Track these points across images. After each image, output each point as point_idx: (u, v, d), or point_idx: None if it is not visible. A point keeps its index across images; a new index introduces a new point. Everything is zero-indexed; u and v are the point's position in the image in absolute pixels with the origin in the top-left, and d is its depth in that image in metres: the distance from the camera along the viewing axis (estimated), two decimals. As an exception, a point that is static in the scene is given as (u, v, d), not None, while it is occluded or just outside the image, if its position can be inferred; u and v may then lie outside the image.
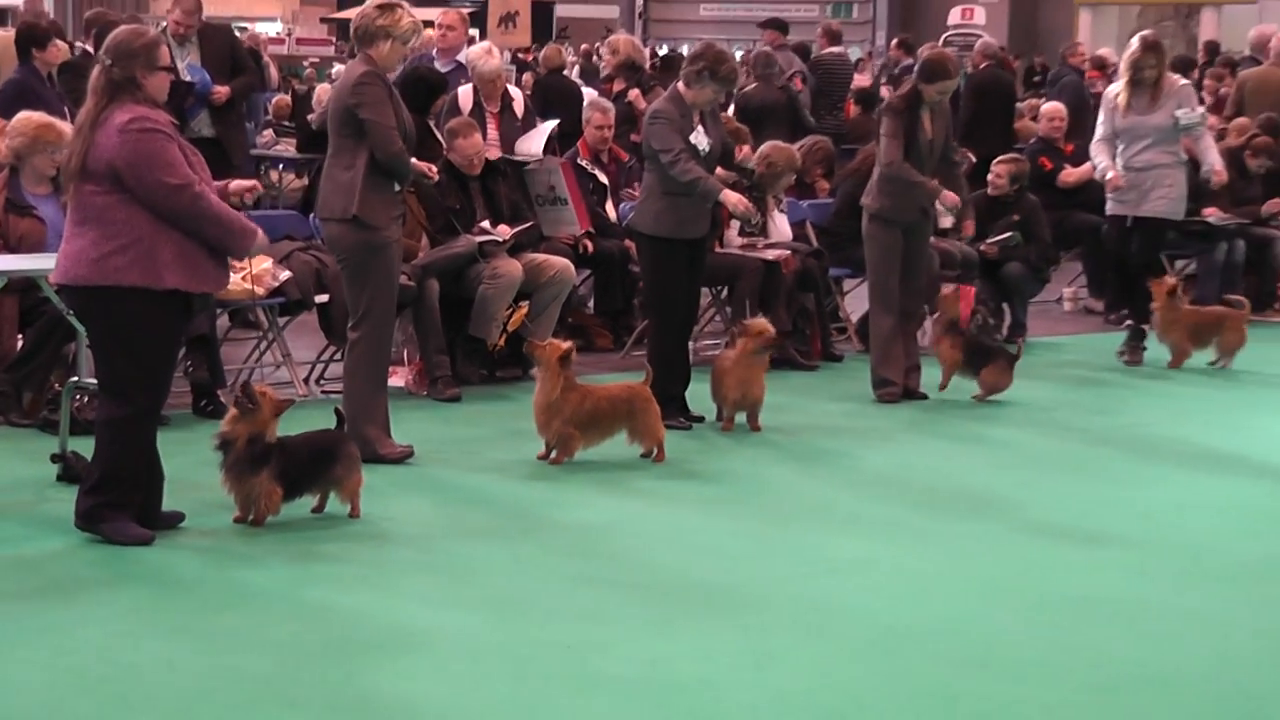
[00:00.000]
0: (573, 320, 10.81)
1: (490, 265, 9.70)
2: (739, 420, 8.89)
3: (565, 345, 8.09)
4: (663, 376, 8.50)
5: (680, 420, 8.77)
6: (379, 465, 7.64)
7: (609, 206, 11.44)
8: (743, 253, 10.58)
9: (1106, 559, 6.75)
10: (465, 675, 5.31)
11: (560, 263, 10.06)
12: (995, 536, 7.06)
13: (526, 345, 8.65)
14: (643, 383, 8.19)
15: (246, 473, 6.72)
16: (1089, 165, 11.02)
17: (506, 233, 9.87)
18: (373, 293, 7.86)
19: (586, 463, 8.06)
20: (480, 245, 9.75)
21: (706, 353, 10.44)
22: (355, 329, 7.96)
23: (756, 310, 10.19)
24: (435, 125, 10.52)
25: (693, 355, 9.42)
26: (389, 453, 7.90)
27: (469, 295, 9.70)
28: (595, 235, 10.99)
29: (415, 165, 7.96)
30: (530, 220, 10.27)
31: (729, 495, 7.69)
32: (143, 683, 5.18)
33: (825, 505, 7.53)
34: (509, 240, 9.85)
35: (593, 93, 13.92)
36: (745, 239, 10.71)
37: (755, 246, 10.67)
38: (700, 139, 8.73)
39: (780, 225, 11.05)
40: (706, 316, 11.07)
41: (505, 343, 9.74)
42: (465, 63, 11.60)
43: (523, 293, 9.79)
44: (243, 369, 9.35)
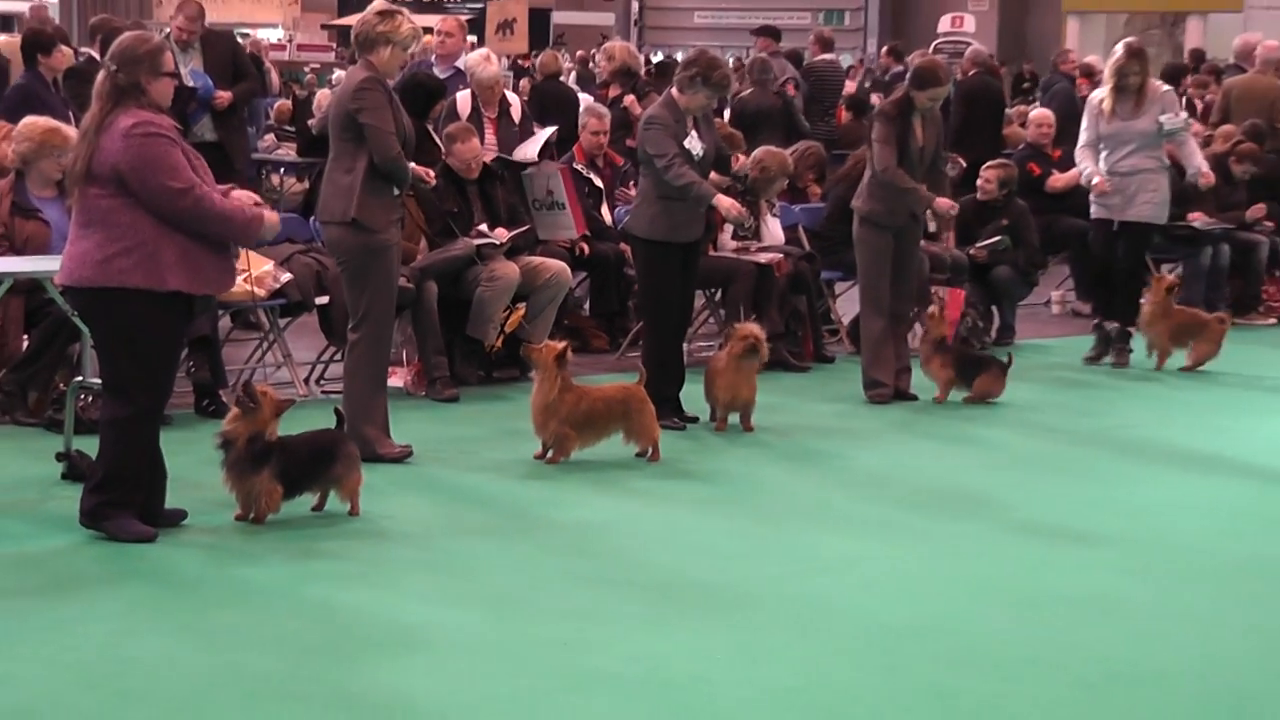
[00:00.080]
0: (569, 322, 10.80)
1: (487, 268, 9.70)
2: (732, 420, 8.88)
3: (560, 345, 8.08)
4: (657, 378, 8.49)
5: (675, 421, 8.76)
6: (378, 464, 7.63)
7: (604, 210, 11.43)
8: (736, 256, 10.58)
9: (1095, 558, 6.75)
10: (463, 671, 5.30)
11: (557, 265, 10.05)
12: (985, 536, 7.05)
13: (523, 349, 8.63)
14: (637, 384, 8.19)
15: (247, 471, 6.71)
16: (1076, 170, 11.01)
17: (504, 236, 9.86)
18: (372, 295, 7.86)
19: (583, 462, 8.05)
20: (478, 248, 9.75)
21: (701, 354, 10.44)
22: (355, 330, 7.95)
23: (750, 313, 10.20)
24: (434, 130, 10.51)
25: (687, 357, 9.43)
26: (388, 452, 7.90)
27: (467, 297, 9.69)
28: (591, 238, 10.99)
29: (413, 170, 7.96)
30: (527, 224, 10.26)
31: (723, 495, 7.68)
32: (145, 678, 5.18)
33: (818, 505, 7.52)
34: (506, 243, 9.84)
35: (589, 98, 13.91)
36: (738, 242, 10.71)
37: (748, 250, 10.66)
38: (694, 144, 8.73)
39: (773, 229, 11.04)
40: (701, 319, 11.07)
41: (502, 344, 9.74)
42: (464, 69, 11.60)
43: (520, 295, 9.79)
44: (244, 369, 9.33)
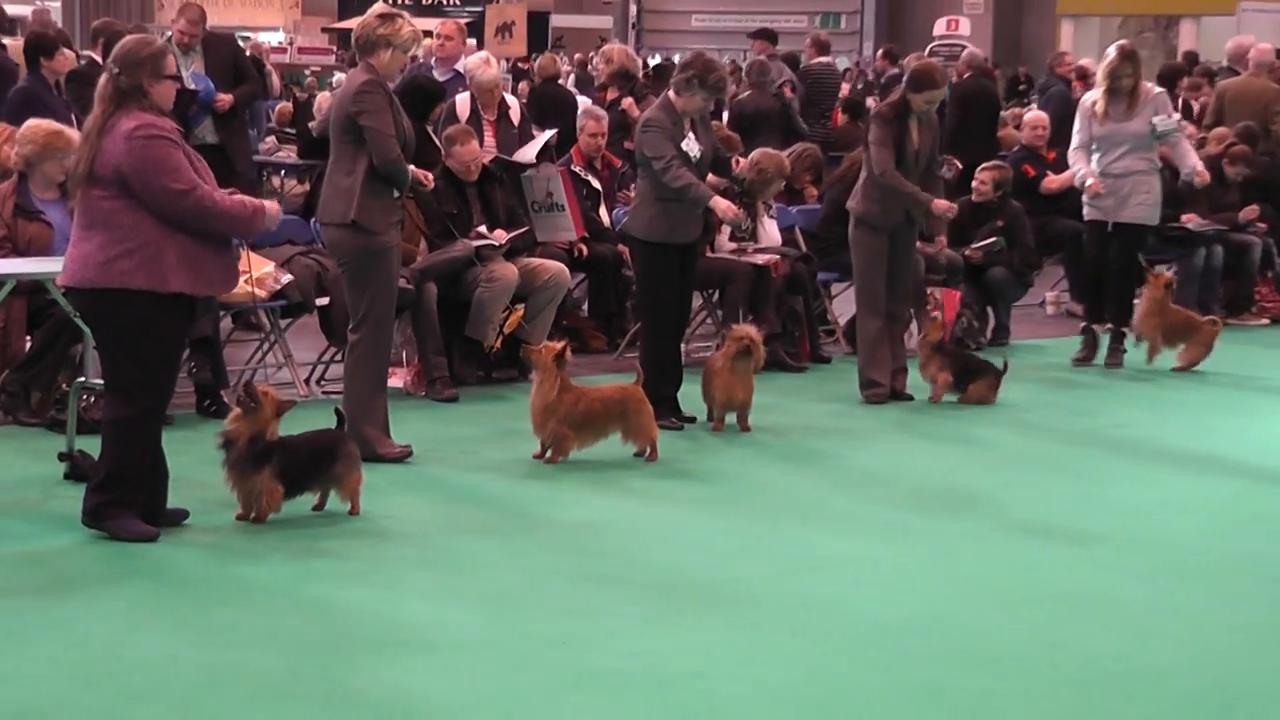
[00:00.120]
0: (567, 323, 10.80)
1: (486, 269, 9.70)
2: (730, 420, 8.89)
3: (559, 345, 8.09)
4: (655, 378, 8.50)
5: (672, 420, 8.77)
6: (378, 464, 7.64)
7: (602, 212, 11.44)
8: (733, 257, 10.59)
9: (1088, 556, 6.76)
10: (462, 669, 5.31)
11: (555, 267, 10.06)
12: (979, 534, 7.06)
13: (523, 351, 8.63)
14: (634, 384, 8.19)
15: (249, 471, 6.72)
16: (1070, 172, 11.03)
17: (502, 237, 9.87)
18: (372, 296, 7.87)
19: (581, 462, 8.05)
20: (477, 249, 9.75)
21: (698, 355, 10.44)
22: (355, 331, 7.96)
23: (747, 314, 10.22)
24: (433, 132, 10.52)
25: (685, 357, 9.44)
26: (388, 452, 7.90)
27: (466, 298, 9.70)
28: (589, 240, 11.00)
29: (412, 172, 7.96)
30: (525, 226, 10.27)
31: (720, 494, 7.69)
32: (147, 676, 5.18)
33: (814, 504, 7.53)
34: (505, 245, 9.85)
35: (587, 101, 13.92)
36: (736, 244, 10.71)
37: (745, 251, 10.67)
38: (692, 146, 8.74)
39: (770, 230, 11.04)
40: (698, 319, 11.07)
41: (501, 344, 9.74)
42: (463, 71, 11.60)
43: (518, 296, 9.79)
44: (245, 370, 9.34)
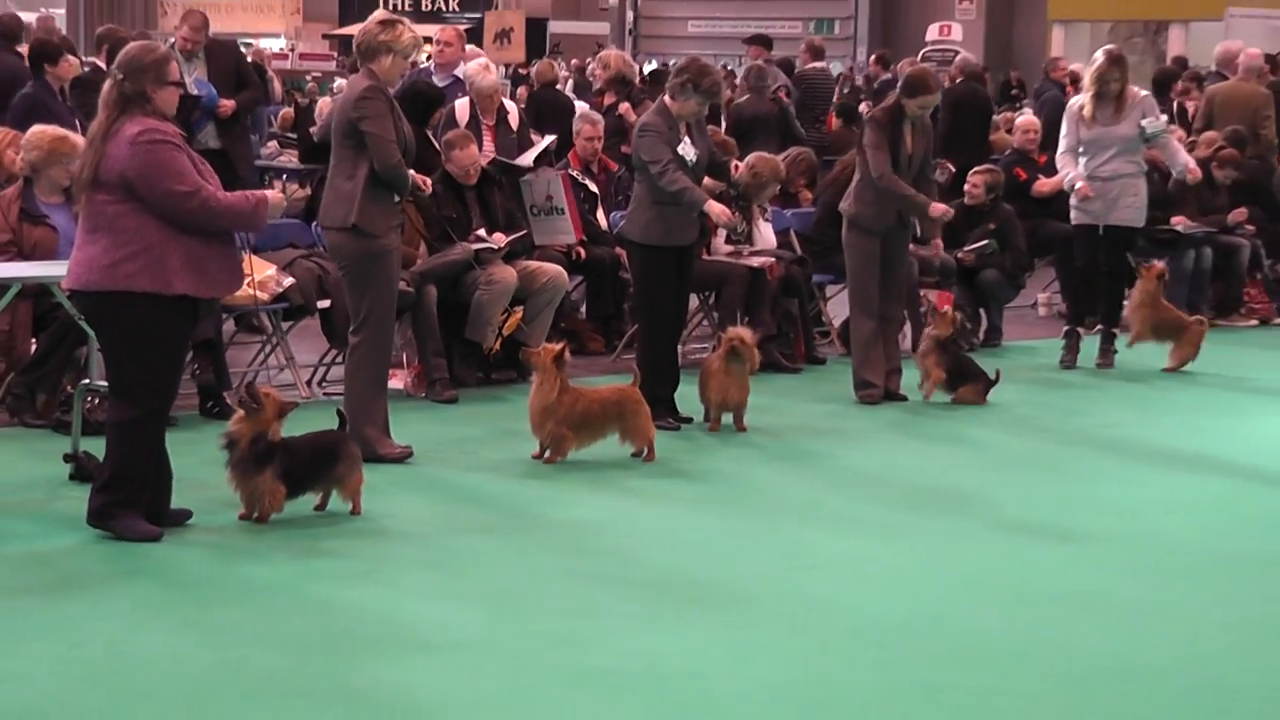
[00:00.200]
0: (566, 325, 10.80)
1: (486, 272, 9.70)
2: (726, 420, 8.89)
3: (558, 347, 8.08)
4: (651, 379, 8.50)
5: (669, 421, 8.76)
6: (379, 464, 7.63)
7: (600, 215, 11.44)
8: (729, 260, 10.59)
9: (1080, 555, 6.76)
10: (462, 667, 5.30)
11: (553, 269, 10.05)
12: (973, 533, 7.06)
13: (522, 353, 8.63)
14: (632, 385, 8.19)
15: (251, 471, 6.71)
16: (1060, 175, 11.04)
17: (501, 241, 9.86)
18: (373, 298, 7.86)
19: (580, 462, 8.05)
20: (476, 252, 9.74)
21: (695, 356, 10.44)
22: (356, 333, 7.95)
23: (743, 316, 10.21)
24: (433, 137, 10.51)
25: (682, 359, 9.43)
26: (389, 452, 7.90)
27: (465, 301, 9.69)
28: (587, 243, 10.99)
29: (412, 177, 7.94)
30: (524, 229, 10.27)
31: (716, 494, 7.69)
32: (151, 675, 5.18)
33: (809, 503, 7.53)
34: (504, 248, 9.84)
35: (584, 106, 13.92)
36: (732, 246, 10.72)
37: (741, 254, 10.67)
38: (687, 150, 8.74)
39: (765, 233, 11.05)
40: (695, 321, 11.07)
41: (500, 346, 9.74)
42: (463, 77, 11.60)
43: (517, 298, 9.78)
44: (247, 372, 9.33)
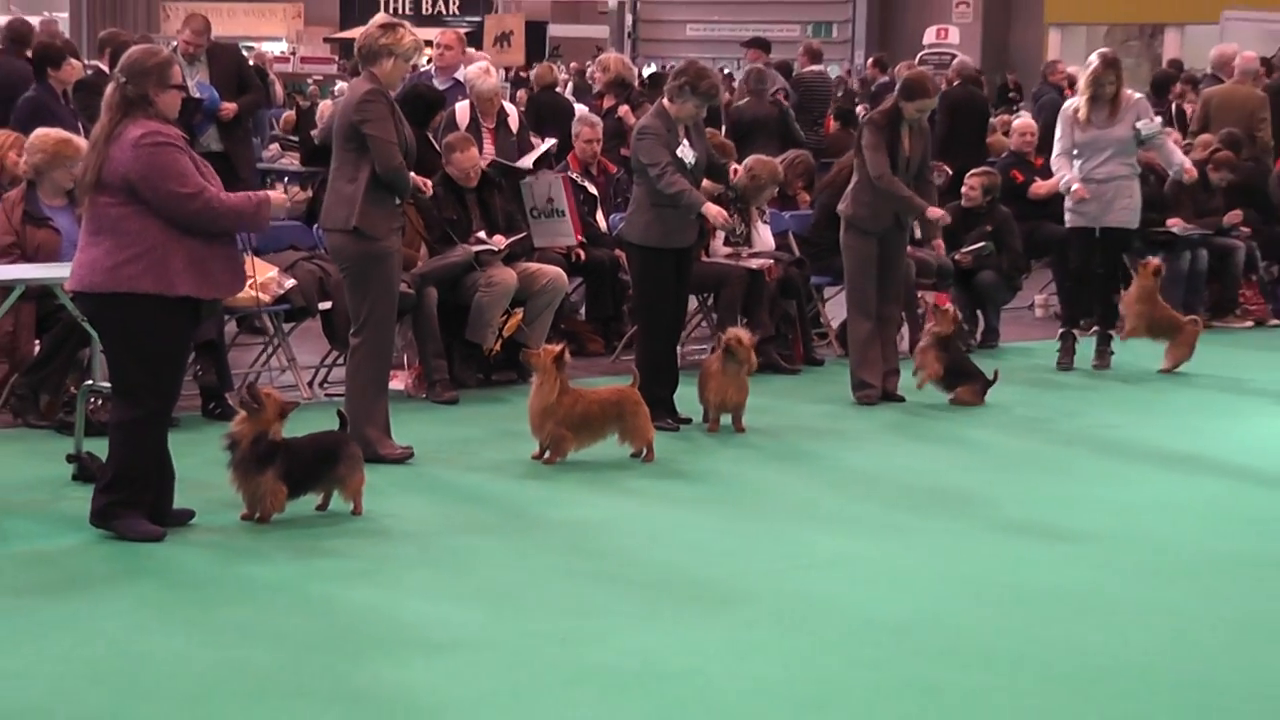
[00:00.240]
0: (565, 326, 10.81)
1: (486, 274, 9.70)
2: (725, 421, 8.89)
3: (558, 348, 8.09)
4: (650, 380, 8.51)
5: (668, 422, 8.77)
6: (380, 465, 7.64)
7: (599, 217, 11.45)
8: (728, 261, 10.59)
9: (1075, 554, 6.76)
10: (463, 666, 5.31)
11: (553, 271, 10.06)
12: (970, 533, 7.07)
13: (523, 355, 8.64)
14: (630, 386, 8.20)
15: (253, 472, 6.72)
16: (1057, 178, 11.05)
17: (501, 242, 9.87)
18: (373, 300, 7.87)
19: (579, 463, 8.06)
20: (476, 254, 9.75)
21: (694, 357, 10.44)
22: (357, 335, 7.96)
23: (741, 317, 10.22)
24: (433, 139, 10.52)
25: (681, 360, 9.44)
26: (389, 453, 7.90)
27: (465, 302, 9.70)
28: (587, 245, 11.00)
29: (412, 179, 7.95)
30: (523, 231, 10.28)
31: (715, 494, 7.69)
32: (153, 673, 5.19)
33: (807, 503, 7.53)
34: (504, 250, 9.85)
35: (584, 109, 13.92)
36: (730, 248, 10.72)
37: (740, 256, 10.68)
38: (686, 152, 8.74)
39: (764, 235, 11.05)
40: (694, 323, 11.07)
41: (501, 347, 9.74)
42: (463, 80, 11.61)
43: (517, 300, 9.79)
44: (249, 373, 9.33)
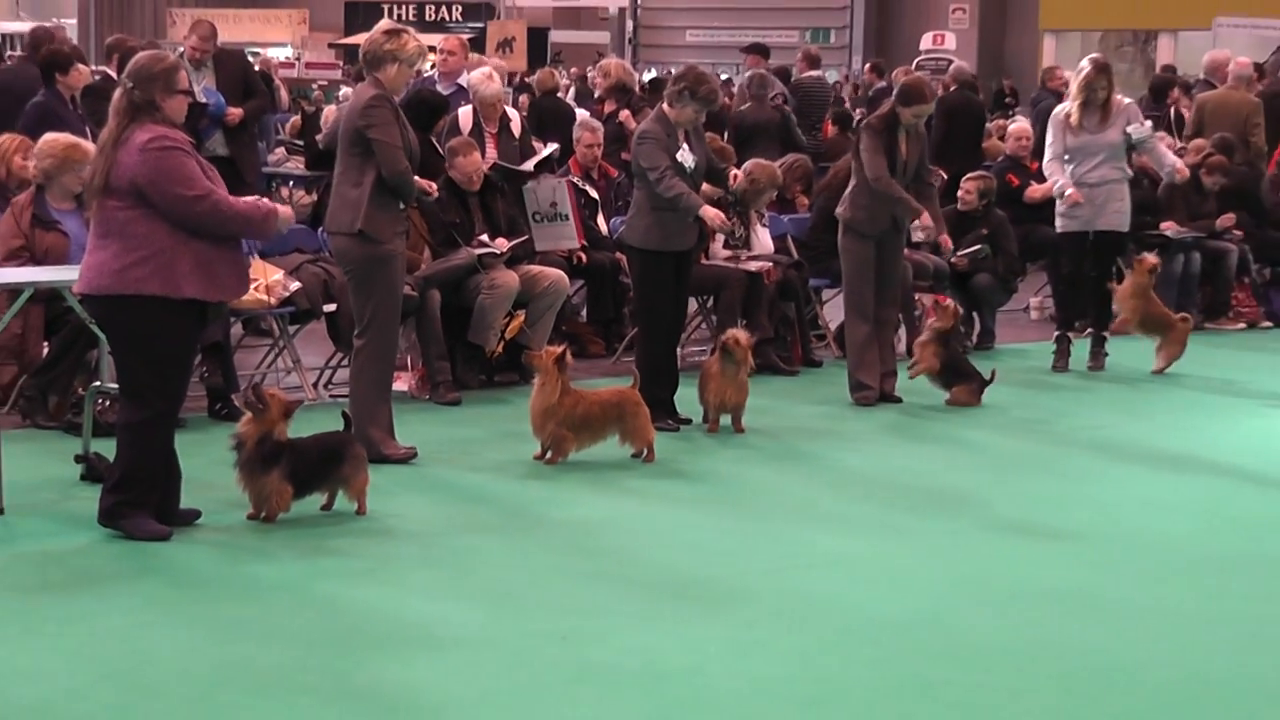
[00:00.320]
0: (567, 328, 10.81)
1: (488, 276, 9.70)
2: (724, 422, 8.89)
3: (560, 350, 8.09)
4: (650, 381, 8.51)
5: (668, 423, 8.76)
6: (384, 465, 7.64)
7: (600, 220, 11.45)
8: (727, 264, 10.59)
9: (1072, 554, 6.76)
10: (465, 664, 5.31)
11: (555, 274, 10.06)
12: (967, 533, 7.06)
13: (524, 357, 8.64)
14: (631, 387, 8.20)
15: (258, 472, 6.72)
16: (1051, 182, 11.06)
17: (504, 245, 9.87)
18: (377, 302, 7.87)
19: (580, 463, 8.05)
20: (479, 257, 9.75)
21: (694, 359, 10.44)
22: (361, 337, 7.96)
23: (741, 319, 10.21)
24: (437, 144, 10.52)
25: (681, 361, 9.44)
26: (393, 453, 7.90)
27: (468, 305, 9.70)
28: (588, 248, 11.00)
29: (416, 183, 7.96)
30: (525, 234, 10.28)
31: (715, 494, 7.69)
32: (160, 670, 5.18)
33: (806, 503, 7.53)
34: (506, 252, 9.85)
35: (585, 113, 13.92)
36: (729, 251, 10.72)
37: (739, 258, 10.67)
38: (686, 156, 8.74)
39: (763, 238, 11.05)
40: (693, 325, 11.07)
41: (503, 349, 9.74)
42: (466, 85, 11.60)
43: (519, 302, 9.79)
44: (255, 374, 9.33)
